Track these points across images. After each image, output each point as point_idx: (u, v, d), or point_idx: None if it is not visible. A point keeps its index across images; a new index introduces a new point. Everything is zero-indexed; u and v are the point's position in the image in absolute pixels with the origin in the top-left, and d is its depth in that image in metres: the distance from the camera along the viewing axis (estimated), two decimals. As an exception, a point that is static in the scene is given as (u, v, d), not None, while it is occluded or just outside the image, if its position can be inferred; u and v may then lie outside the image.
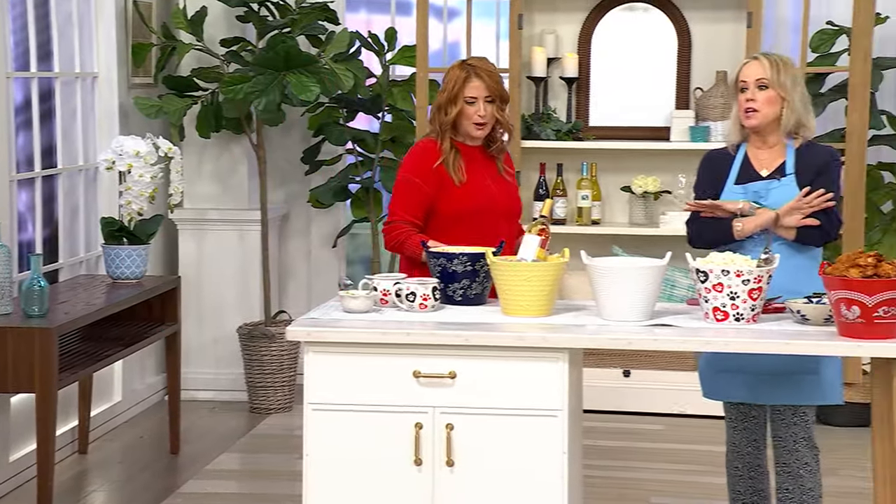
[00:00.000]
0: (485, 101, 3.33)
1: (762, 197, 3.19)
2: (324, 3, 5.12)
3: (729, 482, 3.30)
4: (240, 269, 5.37)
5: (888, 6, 5.03)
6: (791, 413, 3.18)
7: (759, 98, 3.17)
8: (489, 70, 3.35)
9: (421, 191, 3.35)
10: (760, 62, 3.20)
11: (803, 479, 3.18)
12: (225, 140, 5.40)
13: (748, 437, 3.26)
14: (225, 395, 5.39)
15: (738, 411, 3.26)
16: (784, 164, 3.21)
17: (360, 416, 2.88)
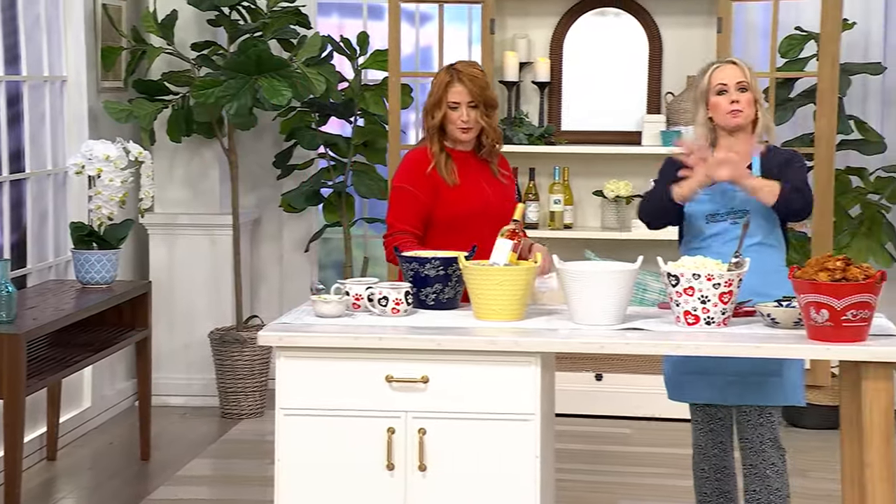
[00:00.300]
0: (468, 107, 3.33)
1: (730, 198, 3.21)
2: (295, 8, 5.11)
3: (696, 484, 3.31)
4: (211, 273, 5.35)
5: (855, 12, 5.09)
6: (757, 414, 3.20)
7: (741, 99, 3.20)
8: (473, 75, 3.33)
9: (416, 199, 3.34)
10: (738, 65, 3.24)
11: (770, 480, 3.20)
12: (196, 144, 5.37)
13: (714, 439, 3.27)
14: (196, 401, 5.36)
15: (705, 413, 3.28)
16: (750, 168, 3.24)
17: (332, 421, 2.87)
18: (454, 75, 3.34)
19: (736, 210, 3.20)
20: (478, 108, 3.32)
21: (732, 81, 3.20)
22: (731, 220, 3.20)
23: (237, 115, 4.87)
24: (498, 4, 5.10)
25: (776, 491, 3.20)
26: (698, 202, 3.22)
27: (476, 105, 3.32)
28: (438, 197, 3.36)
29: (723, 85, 3.21)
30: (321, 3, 5.63)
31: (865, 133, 5.04)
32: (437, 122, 3.35)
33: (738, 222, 3.18)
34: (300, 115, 5.31)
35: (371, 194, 5.24)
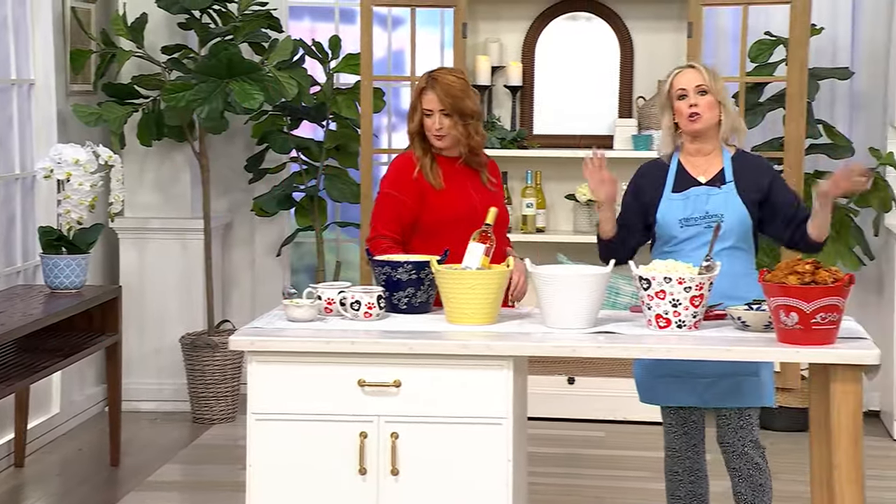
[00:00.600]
0: (441, 114, 3.31)
1: (703, 202, 3.23)
2: (267, 11, 5.09)
3: (668, 487, 3.33)
4: (182, 278, 5.32)
5: (823, 18, 5.14)
6: (737, 417, 3.22)
7: (700, 103, 3.22)
8: (448, 83, 3.30)
9: (401, 203, 3.33)
10: (697, 69, 3.26)
11: (754, 478, 3.24)
12: (167, 148, 5.34)
13: (688, 442, 3.29)
14: (167, 406, 5.33)
15: (678, 416, 3.29)
16: (723, 172, 3.26)
17: (304, 426, 2.86)
18: (429, 82, 3.34)
19: (710, 215, 3.22)
20: (451, 116, 3.32)
21: (691, 85, 3.22)
22: (704, 224, 3.22)
23: (208, 118, 4.85)
24: (470, 8, 5.11)
25: (760, 487, 3.24)
26: (671, 208, 3.23)
27: (449, 113, 3.31)
28: (425, 201, 3.35)
29: (682, 90, 3.23)
30: (293, 7, 5.62)
31: (834, 137, 5.09)
32: (415, 127, 3.36)
33: (711, 226, 3.20)
34: (272, 118, 5.30)
35: (343, 198, 5.23)
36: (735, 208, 3.21)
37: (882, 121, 5.20)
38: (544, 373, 5.07)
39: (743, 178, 3.24)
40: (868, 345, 2.81)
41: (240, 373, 5.19)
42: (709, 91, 3.22)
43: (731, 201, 3.22)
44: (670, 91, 3.25)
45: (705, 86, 3.22)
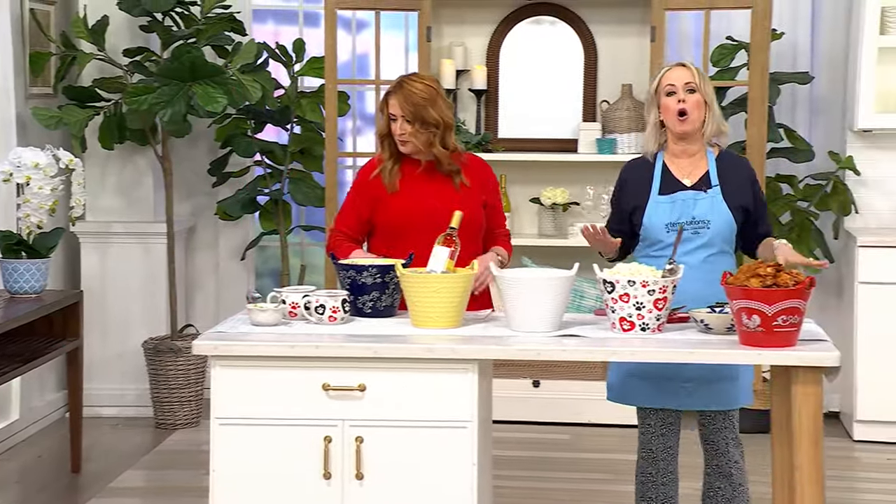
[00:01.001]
0: (403, 120, 3.34)
1: (690, 207, 3.23)
2: (230, 14, 5.07)
3: (639, 489, 3.34)
4: (145, 282, 5.28)
5: (783, 23, 5.19)
6: (721, 418, 3.26)
7: (689, 100, 3.21)
8: (411, 90, 3.32)
9: (354, 203, 3.42)
10: (688, 68, 3.25)
11: (734, 477, 3.27)
12: (129, 152, 5.30)
13: (664, 444, 3.29)
14: (129, 411, 5.29)
15: (657, 418, 3.28)
16: (707, 175, 3.26)
17: (268, 431, 2.85)
18: (395, 87, 3.36)
19: (696, 220, 3.22)
20: (413, 123, 3.33)
21: (681, 82, 3.22)
22: (691, 229, 3.22)
23: (171, 122, 4.82)
24: (434, 12, 5.11)
25: (739, 486, 3.28)
26: (658, 212, 3.24)
27: (410, 120, 3.33)
28: (378, 203, 3.39)
29: (671, 86, 3.22)
30: (256, 10, 5.60)
31: (794, 141, 5.15)
32: (381, 129, 3.40)
33: (698, 232, 3.21)
34: (235, 122, 5.27)
35: (308, 202, 5.22)
36: (721, 213, 3.22)
37: (841, 125, 5.26)
38: (509, 376, 5.08)
39: (728, 182, 3.24)
40: (828, 347, 2.84)
41: (203, 377, 5.16)
42: (697, 90, 3.22)
43: (717, 207, 3.22)
44: (658, 87, 3.24)
45: (694, 84, 3.22)
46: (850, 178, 5.14)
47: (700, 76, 3.23)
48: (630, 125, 5.15)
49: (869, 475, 4.54)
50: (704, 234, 3.22)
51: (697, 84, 3.22)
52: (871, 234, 4.96)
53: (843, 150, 5.19)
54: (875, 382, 4.85)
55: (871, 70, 4.95)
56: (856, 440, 4.90)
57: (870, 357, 4.85)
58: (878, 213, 5.18)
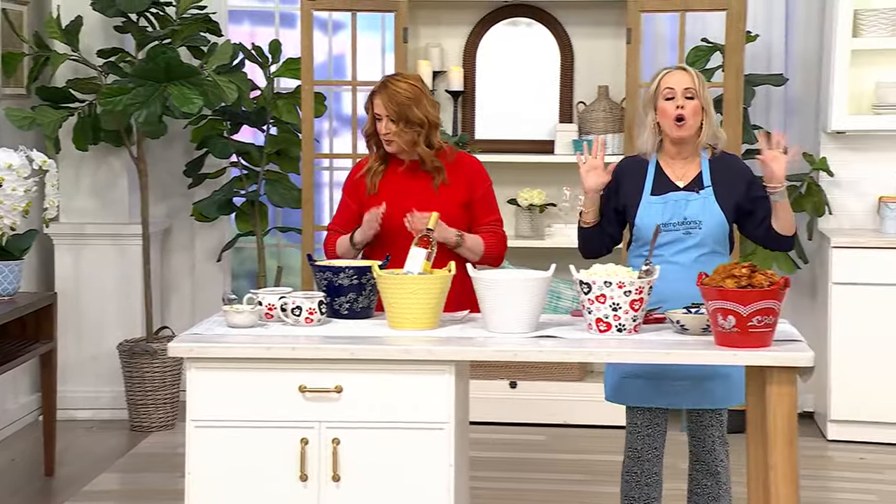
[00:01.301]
0: (387, 120, 3.36)
1: (682, 208, 3.24)
2: (206, 15, 5.05)
3: (623, 489, 3.34)
4: (120, 284, 5.25)
5: (758, 25, 5.23)
6: (709, 416, 3.28)
7: (688, 106, 3.22)
8: (395, 90, 3.34)
9: (345, 201, 3.49)
10: (688, 72, 3.25)
11: (719, 476, 3.30)
12: (104, 153, 5.27)
13: (650, 444, 3.30)
14: (104, 414, 5.25)
15: (645, 418, 3.29)
16: (700, 176, 3.27)
17: (244, 433, 2.84)
18: (380, 87, 3.39)
19: (688, 221, 3.23)
20: (397, 122, 3.34)
21: (680, 87, 3.22)
22: (683, 229, 3.23)
23: (146, 123, 4.79)
24: (411, 13, 5.11)
25: (723, 484, 3.30)
26: (650, 212, 3.24)
27: (395, 120, 3.34)
28: (362, 204, 3.45)
29: (670, 90, 3.22)
30: (232, 11, 5.57)
31: (769, 143, 5.18)
32: (367, 129, 3.43)
33: (690, 232, 3.22)
34: (211, 123, 5.25)
35: (284, 203, 5.20)
36: (713, 214, 3.23)
37: (815, 126, 5.30)
38: (486, 377, 5.08)
39: (721, 183, 3.25)
40: (803, 347, 2.86)
41: (179, 380, 5.13)
42: (696, 96, 3.22)
43: (709, 207, 3.23)
44: (657, 90, 3.24)
45: (694, 90, 3.22)
46: (823, 179, 5.18)
47: (699, 82, 3.23)
48: (606, 126, 5.17)
49: (842, 474, 4.57)
50: (696, 234, 3.23)
51: (697, 90, 3.22)
52: (845, 235, 5.00)
53: (816, 151, 5.23)
54: (849, 382, 4.88)
55: (844, 72, 4.99)
56: (830, 440, 4.94)
57: (843, 357, 4.88)
58: (852, 214, 5.22)
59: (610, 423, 4.96)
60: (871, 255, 4.86)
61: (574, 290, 3.52)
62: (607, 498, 4.12)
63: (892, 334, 4.82)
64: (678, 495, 3.55)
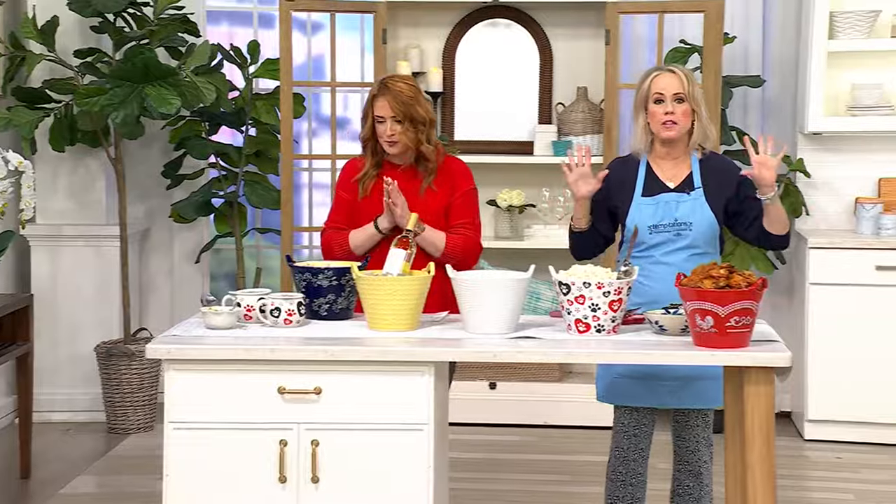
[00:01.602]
0: (392, 121, 3.35)
1: (672, 209, 3.25)
2: (183, 16, 5.03)
3: (608, 488, 3.35)
4: (98, 286, 5.22)
5: (735, 27, 5.26)
6: (696, 416, 3.29)
7: (677, 111, 3.22)
8: (398, 90, 3.35)
9: (344, 200, 3.44)
10: (677, 75, 3.25)
11: (702, 476, 3.31)
12: (81, 153, 5.24)
13: (636, 445, 3.30)
14: (81, 416, 5.22)
15: (632, 418, 3.29)
16: (691, 177, 3.28)
17: (222, 434, 2.83)
18: (381, 89, 3.38)
19: (679, 222, 3.24)
20: (402, 122, 3.35)
21: (669, 92, 3.22)
22: (673, 231, 3.24)
23: (124, 123, 4.76)
24: (390, 14, 5.11)
25: (706, 486, 3.32)
26: (641, 213, 3.24)
27: (400, 120, 3.34)
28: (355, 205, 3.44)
29: (660, 94, 3.23)
30: (210, 11, 5.55)
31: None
32: (366, 134, 3.40)
33: (680, 233, 3.23)
34: (190, 124, 5.23)
35: (263, 204, 5.19)
36: (704, 215, 3.24)
37: (792, 128, 5.33)
38: (466, 378, 5.08)
39: (711, 183, 3.26)
40: (780, 347, 2.87)
41: (157, 381, 5.11)
42: (686, 99, 3.23)
43: (699, 208, 3.24)
44: (647, 93, 3.25)
45: (683, 93, 3.22)
46: (800, 180, 5.21)
47: (689, 83, 3.23)
48: (586, 127, 5.18)
49: (820, 474, 4.60)
50: (687, 235, 3.23)
51: (686, 93, 3.23)
52: (822, 236, 5.03)
53: (794, 152, 5.26)
54: (825, 382, 4.91)
55: (820, 74, 5.02)
56: (807, 439, 4.97)
57: (820, 357, 4.91)
58: (828, 215, 5.26)
59: (590, 424, 4.97)
60: (847, 256, 4.89)
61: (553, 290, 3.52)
62: (588, 499, 4.13)
63: (868, 334, 4.85)
64: (662, 496, 3.56)
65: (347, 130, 5.65)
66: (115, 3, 4.86)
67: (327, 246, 3.44)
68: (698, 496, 3.32)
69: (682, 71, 3.27)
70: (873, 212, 5.00)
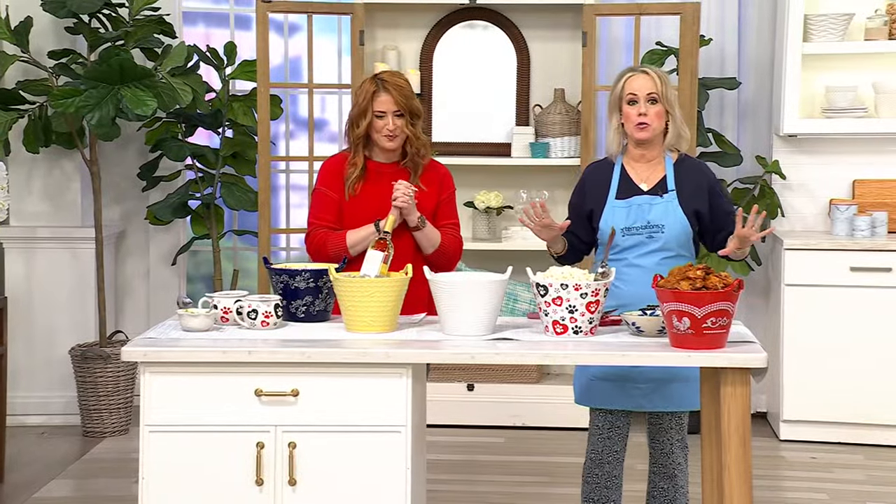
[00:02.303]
0: (394, 116, 3.37)
1: (645, 212, 3.25)
2: (159, 16, 5.00)
3: (584, 490, 3.36)
4: (73, 288, 5.19)
5: (711, 29, 5.29)
6: (669, 419, 3.30)
7: (650, 112, 3.23)
8: (398, 84, 3.39)
9: (331, 198, 3.41)
10: (650, 76, 3.25)
11: (677, 479, 3.32)
12: (56, 155, 5.21)
13: (611, 447, 3.31)
14: (56, 420, 5.19)
15: (606, 420, 3.30)
16: (665, 180, 3.29)
17: (199, 437, 2.82)
18: (380, 84, 3.38)
19: (651, 224, 3.24)
20: (403, 116, 3.37)
21: (643, 92, 3.23)
22: (646, 234, 3.24)
23: (99, 125, 4.74)
24: (368, 16, 5.11)
25: (681, 488, 3.32)
26: (614, 216, 3.25)
27: (402, 114, 3.37)
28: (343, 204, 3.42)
29: (633, 95, 3.23)
30: (186, 12, 5.53)
31: (723, 145, 5.23)
32: (362, 131, 3.38)
33: (652, 236, 3.23)
34: (166, 125, 5.21)
35: (240, 206, 5.17)
36: (677, 218, 3.25)
37: (767, 129, 5.37)
38: (443, 380, 5.09)
39: (685, 187, 3.26)
40: (756, 348, 2.89)
41: (133, 384, 5.08)
42: (659, 100, 3.23)
43: (671, 211, 3.25)
44: (621, 94, 3.25)
45: (656, 94, 3.23)
46: (776, 181, 5.24)
47: (662, 83, 3.24)
48: (563, 129, 5.20)
49: (795, 474, 4.63)
50: (659, 238, 3.24)
51: (660, 93, 3.23)
52: (797, 237, 5.07)
53: (769, 154, 5.30)
54: (801, 383, 4.95)
55: (795, 76, 5.06)
56: (782, 440, 5.00)
57: (796, 358, 4.95)
58: (804, 217, 5.29)
59: (568, 426, 4.98)
60: (822, 257, 4.93)
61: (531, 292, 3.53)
62: (566, 500, 4.14)
63: (843, 335, 4.89)
64: (638, 497, 3.57)
65: (325, 132, 5.64)
66: (90, 3, 4.83)
67: (319, 244, 3.38)
68: (673, 498, 3.33)
69: (656, 72, 3.28)
70: (848, 213, 5.04)
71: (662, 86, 3.24)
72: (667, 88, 3.25)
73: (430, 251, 3.40)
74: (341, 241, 3.36)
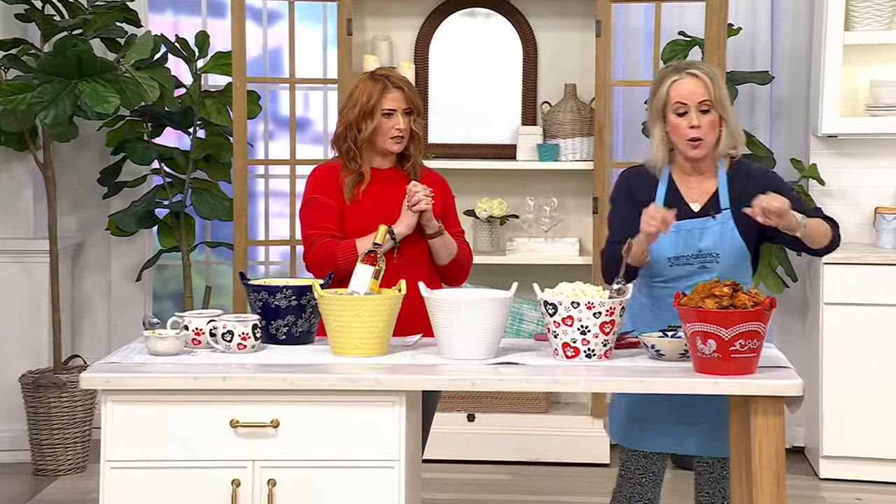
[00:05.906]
0: (403, 113, 3.42)
1: (696, 238, 3.18)
2: (122, 3, 5.05)
3: None
4: (24, 308, 5.21)
5: (741, 18, 5.32)
6: (720, 466, 3.26)
7: (703, 123, 3.14)
8: (405, 80, 3.46)
9: (329, 205, 3.42)
10: (700, 80, 3.14)
11: None
12: (5, 158, 5.24)
13: (642, 494, 3.29)
14: (4, 456, 5.21)
15: (639, 465, 3.27)
16: (717, 195, 3.21)
17: (168, 475, 2.84)
18: (386, 82, 3.43)
19: (703, 253, 3.19)
20: (412, 114, 3.43)
21: (694, 101, 3.13)
22: (698, 263, 3.19)
23: (54, 124, 4.77)
24: (356, 3, 5.15)
25: None
26: (659, 245, 3.16)
27: (411, 111, 3.43)
28: (343, 211, 3.44)
29: (682, 104, 3.14)
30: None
31: (754, 147, 5.26)
32: (367, 134, 3.41)
33: (706, 266, 3.18)
34: (130, 125, 5.25)
35: (214, 215, 5.20)
36: (732, 243, 3.18)
37: (804, 129, 5.39)
38: (441, 409, 5.11)
39: (741, 201, 3.14)
40: (790, 374, 2.92)
41: (92, 416, 5.10)
42: (712, 108, 3.14)
43: (727, 235, 3.18)
44: (666, 100, 3.15)
45: (709, 102, 3.13)
46: (814, 187, 5.27)
47: (715, 86, 3.12)
48: (574, 129, 5.23)
49: (837, 516, 4.65)
50: (713, 268, 3.18)
51: (713, 100, 3.13)
52: (838, 251, 5.03)
53: (806, 157, 5.33)
54: (843, 413, 4.96)
55: (836, 70, 5.08)
56: (822, 478, 5.02)
57: (837, 386, 4.96)
58: (846, 227, 5.25)
59: (582, 461, 5.00)
60: (866, 272, 4.95)
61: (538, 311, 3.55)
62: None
63: (889, 360, 4.90)
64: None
65: (308, 132, 5.68)
66: (45, -12, 4.88)
67: (327, 254, 3.35)
68: None
69: (706, 72, 3.16)
70: (895, 223, 5.07)
71: (715, 89, 3.14)
72: (719, 90, 3.14)
73: (446, 261, 3.44)
74: (351, 249, 3.33)
